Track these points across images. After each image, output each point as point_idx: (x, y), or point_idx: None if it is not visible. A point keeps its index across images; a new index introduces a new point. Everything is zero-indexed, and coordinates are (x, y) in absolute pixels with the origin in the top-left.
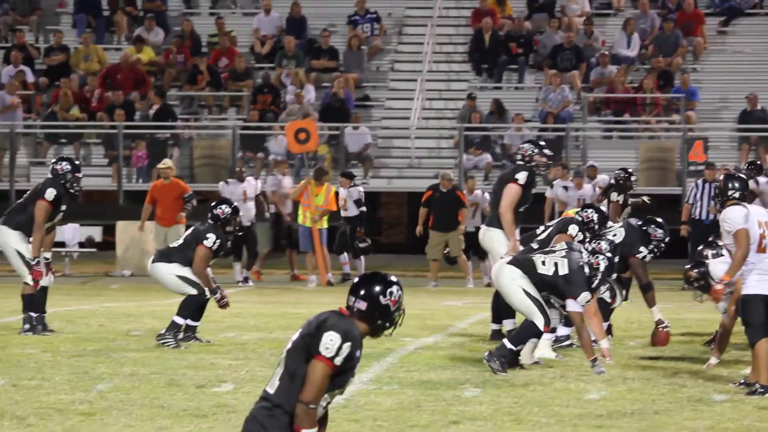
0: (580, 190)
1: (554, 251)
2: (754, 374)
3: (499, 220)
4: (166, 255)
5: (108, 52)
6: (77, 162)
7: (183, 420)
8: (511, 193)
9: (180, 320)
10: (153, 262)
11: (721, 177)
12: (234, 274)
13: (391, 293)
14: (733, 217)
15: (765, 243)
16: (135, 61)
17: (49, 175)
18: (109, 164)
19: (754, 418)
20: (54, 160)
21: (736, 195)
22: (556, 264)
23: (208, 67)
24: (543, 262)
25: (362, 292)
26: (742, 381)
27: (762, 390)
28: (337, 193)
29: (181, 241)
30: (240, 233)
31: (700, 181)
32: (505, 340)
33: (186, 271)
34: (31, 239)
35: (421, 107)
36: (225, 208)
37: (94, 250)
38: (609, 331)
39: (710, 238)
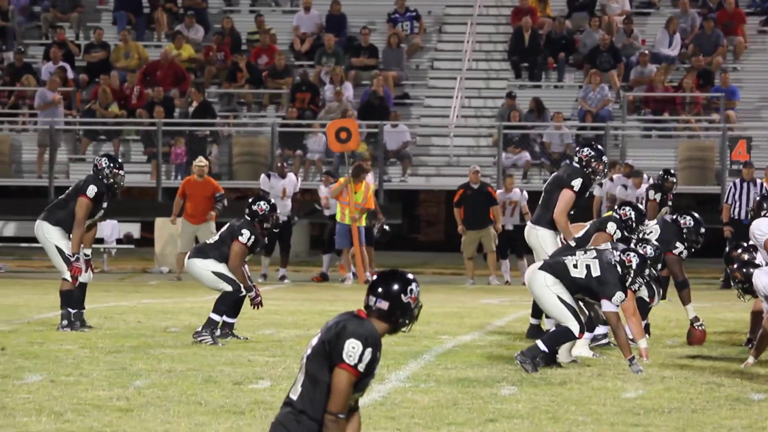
0: (639, 190)
1: (585, 253)
2: None
3: (548, 220)
4: (202, 251)
5: (148, 49)
6: (119, 159)
7: (220, 417)
8: (565, 199)
9: (216, 317)
10: (189, 257)
11: (757, 194)
12: (261, 269)
13: (411, 290)
14: (759, 227)
15: None
16: (174, 58)
17: (91, 172)
18: (147, 161)
19: None
20: (97, 157)
21: None
22: (588, 266)
23: (248, 65)
24: (575, 265)
25: (383, 291)
26: None
27: None
28: (376, 192)
29: (216, 237)
30: (276, 230)
31: (737, 181)
32: (539, 342)
33: (222, 268)
34: (71, 235)
35: (460, 105)
36: (263, 205)
37: (132, 246)
38: (647, 330)
39: (744, 243)
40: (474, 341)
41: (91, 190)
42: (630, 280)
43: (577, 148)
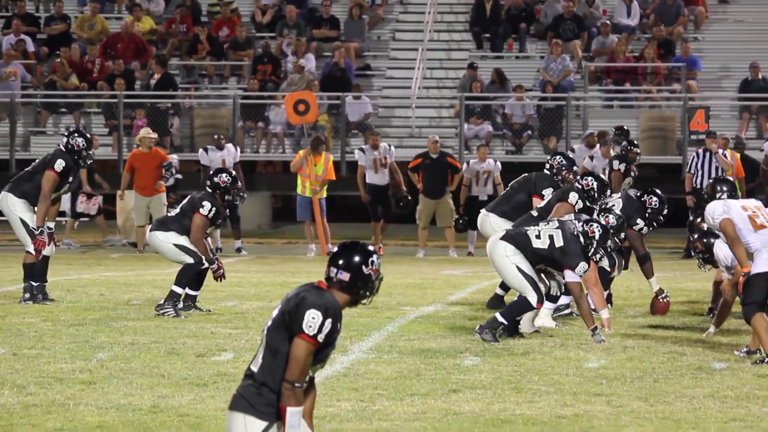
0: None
1: (548, 223)
2: (754, 343)
3: (503, 211)
4: (163, 224)
5: (109, 21)
6: (90, 137)
7: (183, 389)
8: (559, 213)
9: (179, 289)
10: (150, 230)
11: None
12: (214, 241)
13: (372, 262)
14: (712, 210)
15: (759, 220)
16: (135, 30)
17: (61, 147)
18: (109, 134)
19: (753, 386)
20: (67, 133)
21: (724, 197)
22: (551, 237)
23: (209, 37)
24: (537, 236)
25: (344, 263)
26: (745, 349)
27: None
28: (336, 163)
29: (178, 209)
30: (237, 202)
31: (700, 151)
32: (497, 314)
33: (183, 240)
34: (36, 208)
35: (422, 77)
36: (225, 177)
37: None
38: (609, 300)
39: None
40: (436, 312)
41: (59, 164)
42: (593, 250)
43: (549, 156)
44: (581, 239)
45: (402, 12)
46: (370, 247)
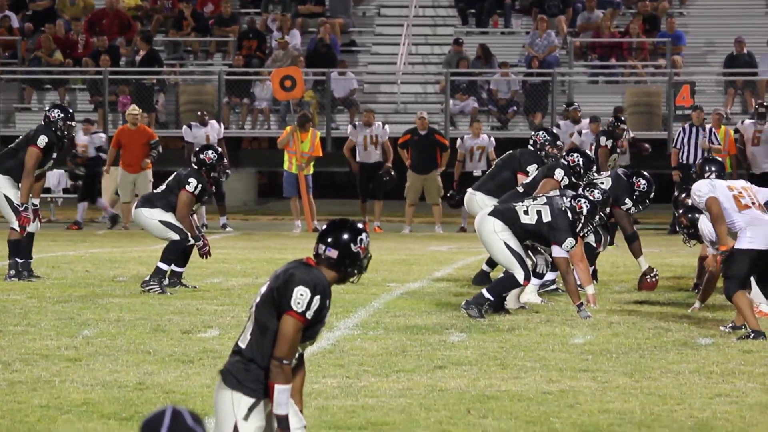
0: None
1: (535, 199)
2: (739, 319)
3: (489, 189)
4: (149, 200)
5: None
6: (69, 109)
7: (169, 365)
8: (545, 189)
9: (164, 266)
10: (136, 207)
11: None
12: (200, 218)
13: (361, 240)
14: (698, 188)
15: (744, 201)
16: (120, 6)
17: (42, 122)
18: (94, 110)
19: (738, 362)
20: (47, 108)
21: (712, 176)
22: (539, 212)
23: (194, 13)
24: (525, 212)
25: (332, 240)
26: (730, 325)
27: (754, 334)
28: (322, 139)
29: (164, 186)
30: (223, 179)
31: (687, 125)
32: (484, 290)
33: (169, 217)
34: (20, 185)
35: (408, 52)
36: (211, 154)
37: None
38: (594, 276)
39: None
40: (422, 288)
41: (42, 140)
42: (580, 226)
43: (533, 132)
44: (569, 215)
45: None
46: (360, 225)
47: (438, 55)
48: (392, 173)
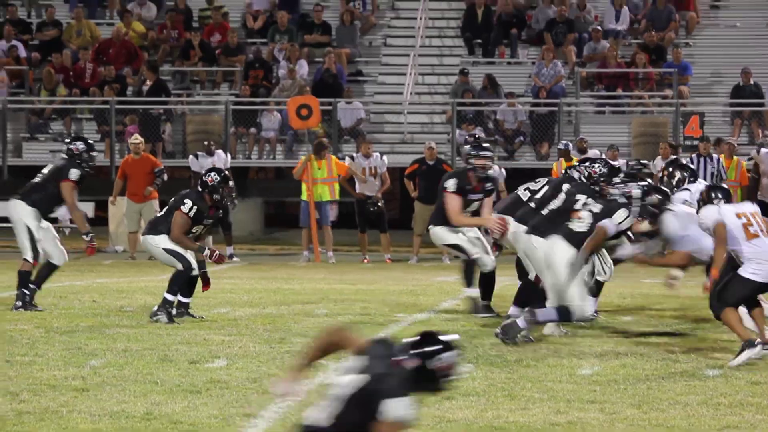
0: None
1: (583, 206)
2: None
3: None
4: (154, 226)
5: (100, 27)
6: (91, 141)
7: (176, 396)
8: (449, 202)
9: (170, 297)
10: (143, 234)
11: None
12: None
13: (442, 358)
14: (706, 214)
15: (753, 230)
16: (126, 36)
17: (64, 156)
18: (101, 140)
19: (746, 393)
20: (67, 140)
21: (721, 203)
22: (590, 211)
23: (201, 43)
24: (579, 219)
25: (416, 350)
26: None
27: (748, 345)
28: (341, 159)
29: (165, 209)
30: (228, 203)
31: (694, 156)
32: (522, 319)
33: (172, 244)
34: (42, 217)
35: (414, 82)
36: (213, 176)
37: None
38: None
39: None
40: (429, 319)
41: (74, 173)
42: (636, 209)
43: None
44: (620, 200)
45: (393, 18)
46: (451, 341)
47: (444, 85)
48: (380, 204)
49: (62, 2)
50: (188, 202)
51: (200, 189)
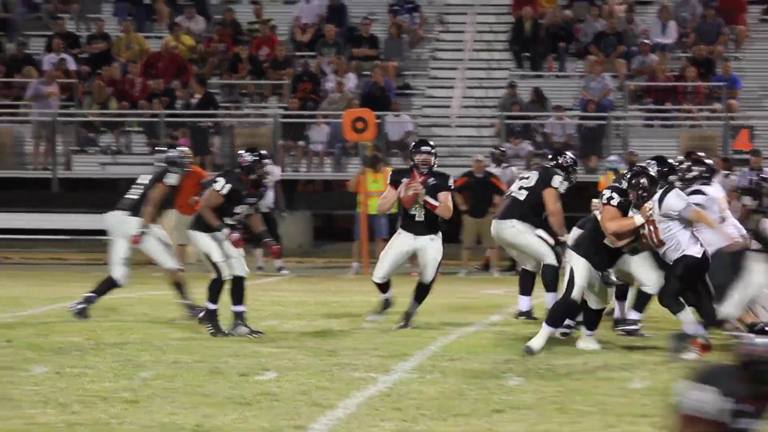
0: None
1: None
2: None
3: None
4: (197, 220)
5: (149, 40)
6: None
7: (226, 408)
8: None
9: (212, 305)
10: (190, 228)
11: None
12: (256, 261)
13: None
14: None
15: None
16: (175, 49)
17: (163, 163)
18: (150, 152)
19: None
20: (164, 149)
21: None
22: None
23: (249, 56)
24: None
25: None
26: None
27: None
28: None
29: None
30: (265, 180)
31: (746, 169)
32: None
33: (213, 247)
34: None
35: (462, 96)
36: (247, 156)
37: None
38: (635, 333)
39: None
40: (479, 332)
41: (172, 177)
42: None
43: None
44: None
45: (442, 31)
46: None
47: (492, 98)
48: None
49: (111, 15)
50: (221, 180)
51: (238, 170)
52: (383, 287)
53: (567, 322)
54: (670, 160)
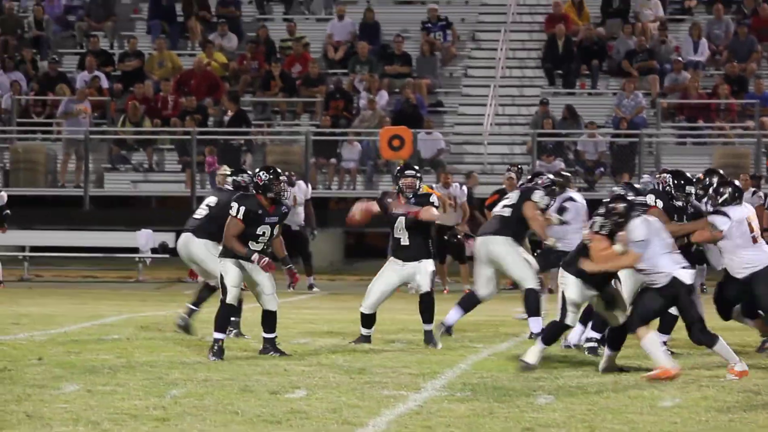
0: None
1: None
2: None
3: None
4: (225, 249)
5: (182, 57)
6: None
7: (257, 426)
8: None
9: (219, 335)
10: (220, 256)
11: None
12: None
13: None
14: None
15: None
16: (208, 67)
17: (230, 187)
18: (182, 170)
19: None
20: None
21: None
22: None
23: (282, 73)
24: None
25: None
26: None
27: None
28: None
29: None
30: (285, 197)
31: None
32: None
33: (233, 273)
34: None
35: (494, 113)
36: (262, 174)
37: (167, 255)
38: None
39: None
40: (509, 350)
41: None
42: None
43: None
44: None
45: (474, 48)
46: None
47: (525, 116)
48: (459, 236)
49: (144, 33)
50: (234, 205)
51: (254, 190)
52: (368, 320)
53: (594, 335)
54: (688, 175)
